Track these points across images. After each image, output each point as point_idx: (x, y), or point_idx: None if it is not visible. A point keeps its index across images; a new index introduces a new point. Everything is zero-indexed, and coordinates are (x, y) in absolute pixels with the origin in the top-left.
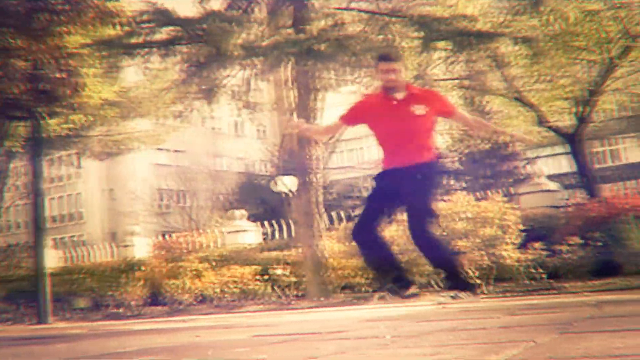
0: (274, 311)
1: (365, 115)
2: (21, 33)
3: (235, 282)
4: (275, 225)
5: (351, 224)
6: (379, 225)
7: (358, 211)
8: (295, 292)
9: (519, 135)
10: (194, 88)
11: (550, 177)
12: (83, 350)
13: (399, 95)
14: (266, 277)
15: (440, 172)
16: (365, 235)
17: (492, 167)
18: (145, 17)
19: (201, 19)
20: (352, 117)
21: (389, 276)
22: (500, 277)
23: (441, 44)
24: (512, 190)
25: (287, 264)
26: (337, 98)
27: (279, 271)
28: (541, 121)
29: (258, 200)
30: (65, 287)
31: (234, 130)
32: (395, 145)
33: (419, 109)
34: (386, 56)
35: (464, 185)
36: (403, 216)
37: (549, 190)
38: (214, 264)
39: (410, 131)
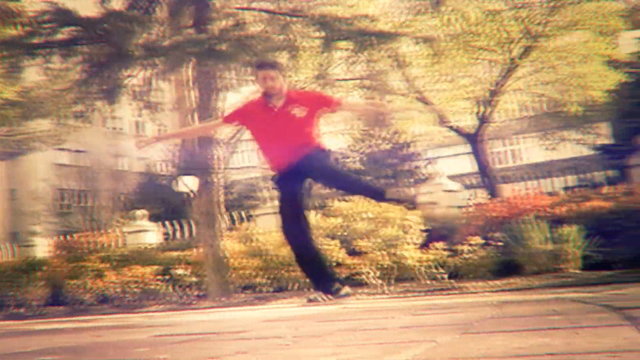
0: (175, 311)
1: (246, 119)
2: None
3: (136, 282)
4: (176, 225)
5: (252, 224)
6: (305, 226)
7: (259, 211)
8: (196, 292)
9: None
10: (95, 88)
11: (451, 177)
12: None
13: (279, 102)
14: (167, 277)
15: (327, 155)
16: (296, 238)
17: (393, 166)
18: (46, 17)
19: (102, 18)
20: (233, 118)
21: (321, 278)
22: (401, 277)
23: (342, 44)
24: (413, 190)
25: (188, 263)
26: (238, 98)
27: (179, 271)
28: (442, 121)
29: (159, 200)
30: None
31: (135, 130)
32: (280, 149)
33: (299, 111)
34: (263, 63)
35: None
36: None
37: (449, 190)
38: (114, 263)
39: (292, 134)
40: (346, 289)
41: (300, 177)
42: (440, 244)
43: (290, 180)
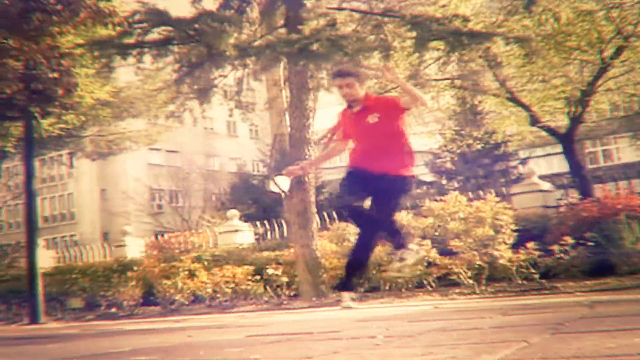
0: (267, 311)
1: (344, 128)
2: (14, 33)
3: (228, 282)
4: (268, 226)
5: (344, 224)
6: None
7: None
8: (288, 292)
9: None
10: (187, 88)
11: (543, 177)
12: (76, 350)
13: (356, 109)
14: (259, 277)
15: (408, 189)
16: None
17: (484, 167)
18: (138, 17)
19: (194, 19)
20: (342, 134)
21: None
22: (493, 277)
23: (434, 44)
24: (505, 190)
25: (280, 264)
26: (330, 98)
27: (271, 271)
28: (534, 121)
29: (251, 200)
30: (58, 287)
31: (226, 130)
32: (363, 152)
33: (371, 118)
34: (339, 72)
35: (456, 185)
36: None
37: (542, 190)
38: (207, 264)
39: (370, 139)
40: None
41: (374, 186)
42: (532, 244)
43: (365, 179)
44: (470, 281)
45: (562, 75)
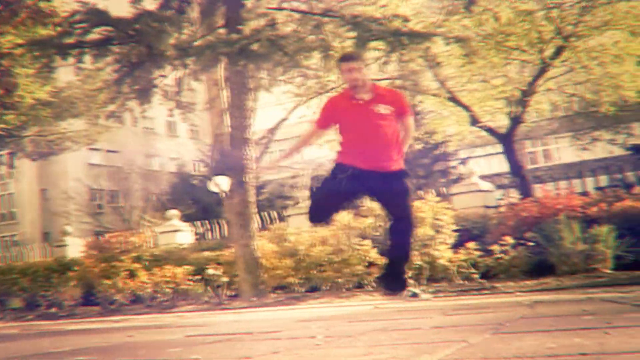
0: (207, 311)
1: (335, 116)
2: None
3: (168, 282)
4: (208, 225)
5: (284, 224)
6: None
7: (292, 211)
8: (228, 292)
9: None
10: (127, 88)
11: (483, 177)
12: (16, 350)
13: (365, 96)
14: (199, 277)
15: (404, 178)
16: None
17: (424, 167)
18: (78, 17)
19: (134, 19)
20: (324, 120)
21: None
22: (433, 277)
23: (374, 44)
24: (445, 190)
25: (220, 264)
26: (270, 98)
27: (211, 271)
28: (474, 121)
29: (191, 200)
30: None
31: (166, 130)
32: (362, 145)
33: (384, 109)
34: (347, 56)
35: None
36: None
37: (482, 190)
38: (146, 264)
39: (376, 130)
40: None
41: (375, 185)
42: (472, 244)
43: (361, 178)
44: (411, 281)
45: (502, 75)
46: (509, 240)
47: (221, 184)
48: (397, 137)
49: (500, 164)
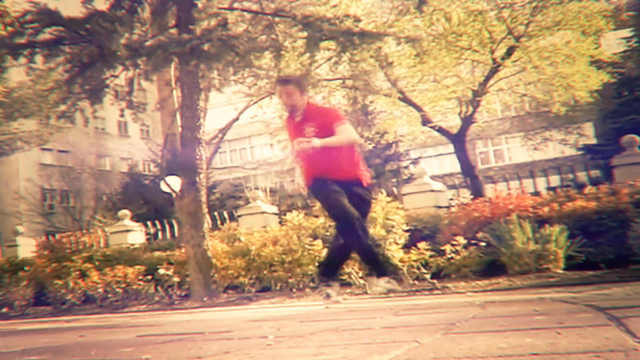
0: (159, 311)
1: (291, 137)
2: None
3: (119, 282)
4: (160, 226)
5: (235, 224)
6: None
7: (243, 211)
8: (179, 292)
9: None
10: (79, 88)
11: (435, 177)
12: None
13: (298, 117)
14: (150, 277)
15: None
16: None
17: (376, 167)
18: (29, 17)
19: (85, 19)
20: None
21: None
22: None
23: (325, 44)
24: (396, 190)
25: (172, 263)
26: (221, 98)
27: (163, 271)
28: (425, 121)
29: (142, 200)
30: None
31: (118, 130)
32: (310, 162)
33: (309, 128)
34: (281, 79)
35: None
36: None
37: (433, 190)
38: (98, 263)
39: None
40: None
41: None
42: (423, 244)
43: (327, 183)
44: (362, 281)
45: (453, 75)
46: (461, 240)
47: (172, 183)
48: (333, 151)
49: (452, 164)
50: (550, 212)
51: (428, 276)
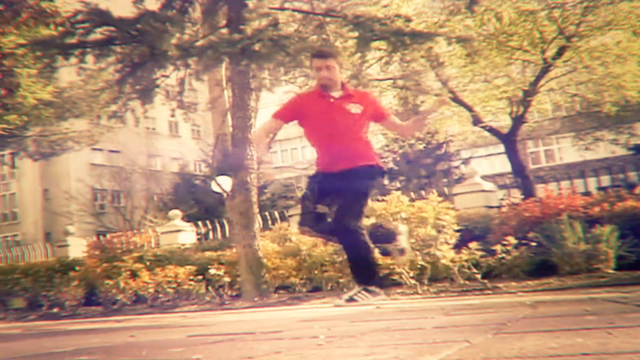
0: (209, 311)
1: (299, 112)
2: None
3: (170, 282)
4: (210, 226)
5: (287, 224)
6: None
7: (294, 211)
8: (230, 292)
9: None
10: (129, 88)
11: (486, 177)
12: (18, 350)
13: (335, 94)
14: (201, 277)
15: (379, 175)
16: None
17: (427, 167)
18: (80, 17)
19: (136, 19)
20: (286, 113)
21: (365, 275)
22: (435, 277)
23: (376, 44)
24: (447, 190)
25: (222, 264)
26: (272, 98)
27: (214, 271)
28: (476, 121)
29: (193, 200)
30: (0, 287)
31: (168, 130)
32: (332, 144)
33: (355, 108)
34: (321, 52)
35: (398, 185)
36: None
37: (484, 191)
38: (149, 264)
39: (346, 129)
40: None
41: (345, 183)
42: (474, 244)
43: (334, 182)
44: (413, 281)
45: (504, 75)
46: (511, 240)
47: (223, 184)
48: (365, 136)
49: (503, 164)
50: (601, 212)
51: (479, 276)
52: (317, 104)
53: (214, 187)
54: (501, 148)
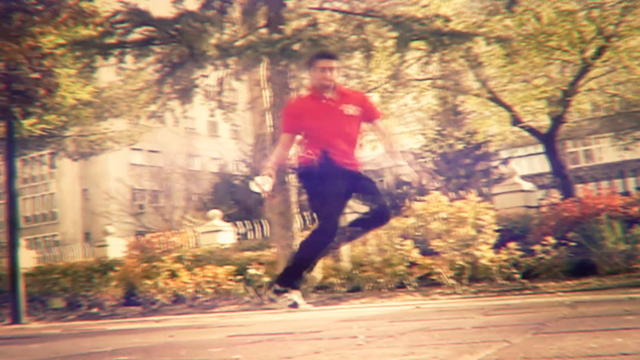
0: (248, 311)
1: (304, 118)
2: None
3: (209, 282)
4: (250, 226)
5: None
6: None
7: None
8: (269, 292)
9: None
10: (169, 88)
11: (525, 177)
12: (57, 350)
13: (330, 94)
14: (241, 277)
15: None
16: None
17: (466, 167)
18: (119, 17)
19: (175, 19)
20: (294, 124)
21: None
22: (474, 277)
23: (415, 44)
24: (486, 190)
25: (262, 264)
26: None
27: (253, 271)
28: (516, 121)
29: (232, 200)
30: (39, 287)
31: (208, 130)
32: (329, 144)
33: (351, 109)
34: (328, 54)
35: (438, 185)
36: None
37: (523, 191)
38: (188, 264)
39: (344, 130)
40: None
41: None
42: (513, 244)
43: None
44: (452, 281)
45: (543, 75)
46: (551, 240)
47: (263, 184)
48: (355, 138)
49: (542, 164)
50: None
51: (518, 276)
52: (316, 105)
53: (253, 187)
54: (540, 148)
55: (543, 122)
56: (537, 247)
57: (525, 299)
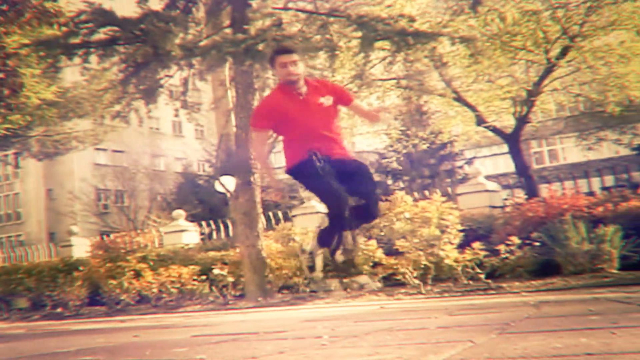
0: (213, 311)
1: (276, 114)
2: None
3: (174, 282)
4: (214, 226)
5: (290, 224)
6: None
7: (297, 211)
8: (234, 292)
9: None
10: (133, 88)
11: (489, 177)
12: (22, 350)
13: (303, 89)
14: (205, 277)
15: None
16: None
17: (430, 167)
18: (84, 17)
19: (140, 19)
20: (265, 119)
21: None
22: (439, 277)
23: (380, 44)
24: (451, 190)
25: (226, 264)
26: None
27: (217, 271)
28: (480, 121)
29: (197, 200)
30: (3, 287)
31: (172, 130)
32: (311, 138)
33: (326, 100)
34: (285, 48)
35: (402, 185)
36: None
37: (487, 190)
38: (152, 263)
39: (322, 124)
40: None
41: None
42: (478, 244)
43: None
44: (416, 281)
45: (507, 75)
46: (515, 240)
47: (227, 184)
48: (337, 127)
49: (506, 164)
50: (605, 212)
51: (482, 276)
52: (288, 101)
53: (218, 187)
54: (505, 148)
55: (507, 122)
56: (501, 247)
57: (490, 299)
